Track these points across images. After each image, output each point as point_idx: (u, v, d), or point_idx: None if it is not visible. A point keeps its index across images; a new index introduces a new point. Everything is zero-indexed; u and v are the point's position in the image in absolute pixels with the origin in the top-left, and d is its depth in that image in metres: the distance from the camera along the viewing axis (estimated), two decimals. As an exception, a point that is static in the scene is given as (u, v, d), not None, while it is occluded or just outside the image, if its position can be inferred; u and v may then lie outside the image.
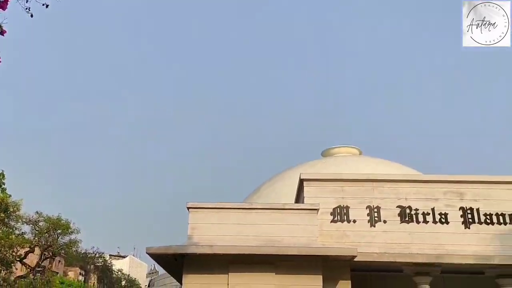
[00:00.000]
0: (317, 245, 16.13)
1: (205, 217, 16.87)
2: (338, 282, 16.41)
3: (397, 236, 16.98)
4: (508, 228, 17.18)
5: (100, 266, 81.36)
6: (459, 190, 17.74)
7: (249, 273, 15.89)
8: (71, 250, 45.82)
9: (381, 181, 18.06)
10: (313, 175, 19.01)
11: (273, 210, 17.03)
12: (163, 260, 17.29)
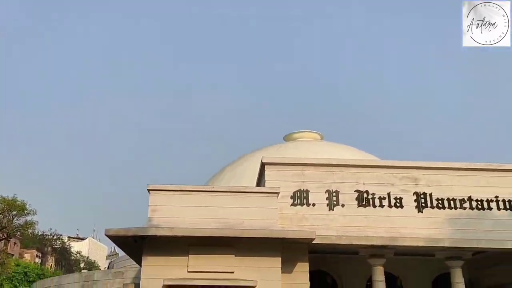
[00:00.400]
0: (276, 228, 16.43)
1: (166, 199, 16.84)
2: (297, 264, 16.82)
3: (354, 220, 17.50)
4: (458, 213, 17.99)
5: (58, 248, 79.90)
6: (414, 176, 18.40)
7: (209, 255, 16.04)
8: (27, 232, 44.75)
9: (341, 166, 18.49)
10: (274, 159, 19.23)
11: (234, 193, 17.18)
12: (123, 242, 17.18)
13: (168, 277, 15.64)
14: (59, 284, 27.97)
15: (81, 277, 27.88)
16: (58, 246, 79.52)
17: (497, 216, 18.06)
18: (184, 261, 16.05)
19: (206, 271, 15.80)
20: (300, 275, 16.63)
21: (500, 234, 17.73)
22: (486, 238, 17.65)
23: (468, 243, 17.59)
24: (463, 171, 18.66)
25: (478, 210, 18.08)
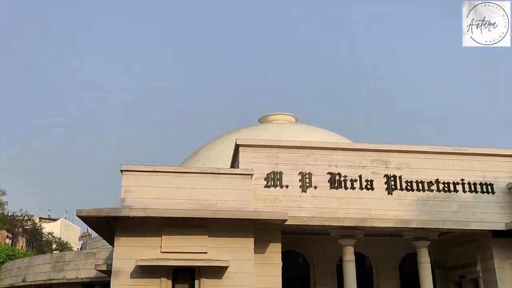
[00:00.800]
0: (250, 209, 16.62)
1: (139, 180, 16.78)
2: (269, 244, 17.09)
3: (326, 201, 17.83)
4: (426, 195, 18.55)
5: (29, 229, 78.70)
6: (385, 159, 18.82)
7: (182, 236, 16.13)
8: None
9: (314, 148, 18.74)
10: (249, 141, 19.33)
11: (207, 174, 17.25)
12: (95, 223, 17.09)
13: (141, 257, 15.67)
14: (30, 265, 27.67)
15: (52, 258, 27.63)
16: (29, 227, 78.26)
17: (463, 198, 18.71)
18: (157, 242, 16.11)
19: (180, 251, 15.91)
20: (272, 255, 16.93)
21: (465, 216, 18.39)
22: (452, 219, 18.30)
23: (435, 224, 18.19)
24: (431, 154, 19.20)
25: (445, 192, 18.68)
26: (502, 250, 18.75)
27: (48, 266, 26.45)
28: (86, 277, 24.35)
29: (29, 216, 78.88)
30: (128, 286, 15.53)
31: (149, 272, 15.68)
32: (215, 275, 15.87)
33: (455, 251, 21.21)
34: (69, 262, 25.77)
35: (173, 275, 16.03)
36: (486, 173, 19.14)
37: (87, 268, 24.56)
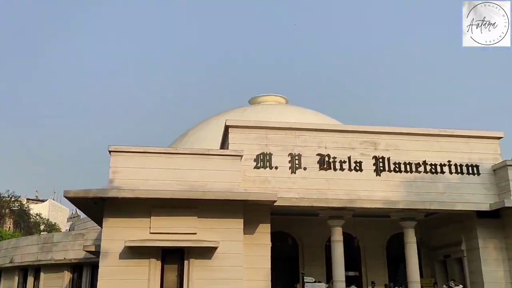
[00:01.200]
0: (239, 190, 16.64)
1: (128, 161, 16.67)
2: (259, 225, 17.19)
3: (315, 182, 17.93)
4: (413, 176, 18.74)
5: (16, 210, 78.05)
6: (374, 140, 18.93)
7: (171, 216, 16.13)
8: (-18, 194, 43.27)
9: (304, 129, 18.77)
10: (239, 122, 19.28)
11: (197, 155, 17.20)
12: (83, 204, 16.99)
13: (129, 238, 15.67)
14: (17, 246, 27.48)
15: (40, 239, 27.46)
16: (16, 208, 77.56)
17: (449, 179, 18.96)
18: (146, 223, 16.10)
19: (169, 232, 15.93)
20: (262, 236, 17.05)
21: (450, 197, 18.68)
22: (438, 200, 18.57)
23: (421, 205, 18.45)
24: (419, 136, 19.36)
25: (432, 173, 18.91)
26: (486, 230, 19.12)
27: (36, 247, 26.32)
28: (75, 258, 24.28)
29: (16, 197, 78.04)
30: (116, 266, 15.54)
31: (138, 253, 15.70)
32: (204, 256, 15.95)
33: (441, 231, 21.57)
34: (57, 243, 25.65)
35: (162, 256, 16.08)
36: (471, 155, 19.41)
37: (75, 249, 24.47)
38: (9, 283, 26.58)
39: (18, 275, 26.26)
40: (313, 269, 19.37)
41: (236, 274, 15.76)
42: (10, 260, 27.02)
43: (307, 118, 26.80)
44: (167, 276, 16.03)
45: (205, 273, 15.74)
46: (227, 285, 15.47)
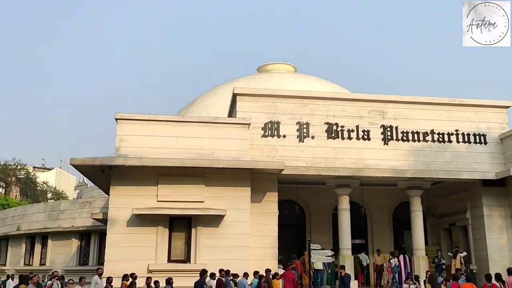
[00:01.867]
0: (246, 158, 16.57)
1: (135, 129, 16.55)
2: (266, 194, 17.20)
3: (323, 151, 17.84)
4: (421, 145, 18.63)
5: (23, 178, 78.51)
6: (382, 109, 18.72)
7: (179, 185, 16.13)
8: (-12, 162, 43.25)
9: (312, 98, 18.55)
10: (246, 90, 19.07)
11: (204, 123, 17.05)
12: (89, 172, 16.96)
13: (137, 206, 15.71)
14: (24, 214, 27.67)
15: (46, 207, 27.60)
16: (23, 176, 77.97)
17: (456, 148, 18.87)
18: (154, 191, 16.11)
19: (176, 200, 15.97)
20: (269, 205, 17.08)
21: (457, 166, 18.64)
22: (445, 169, 18.53)
23: (428, 173, 18.41)
24: (428, 105, 19.14)
25: (439, 142, 18.80)
26: (491, 198, 19.17)
27: (43, 215, 26.48)
28: (82, 226, 24.42)
29: (23, 165, 78.39)
30: (124, 234, 15.65)
31: (146, 220, 15.78)
32: (211, 224, 16.03)
33: (447, 199, 21.63)
34: (64, 211, 25.77)
35: (169, 224, 16.16)
36: (479, 124, 19.26)
37: (82, 217, 24.60)
38: (16, 250, 26.90)
39: (25, 243, 26.54)
40: (319, 237, 19.48)
41: (243, 242, 15.87)
42: (17, 228, 27.26)
43: (315, 87, 26.49)
44: (174, 244, 16.16)
45: (212, 240, 15.85)
46: (235, 252, 15.59)
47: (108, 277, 14.05)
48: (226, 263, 14.86)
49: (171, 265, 15.59)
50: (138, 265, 14.86)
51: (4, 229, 28.58)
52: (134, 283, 13.66)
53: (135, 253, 15.33)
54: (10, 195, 69.16)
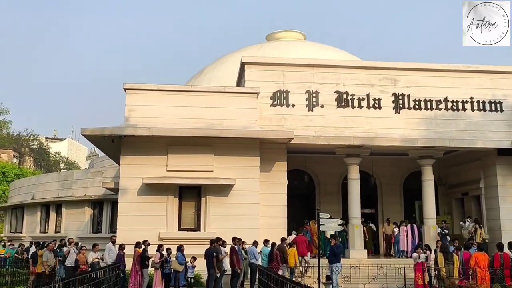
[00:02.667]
0: (255, 128, 16.47)
1: (143, 99, 16.49)
2: (275, 163, 17.16)
3: (333, 120, 17.64)
4: (433, 113, 18.29)
5: (36, 148, 79.63)
6: (394, 77, 18.34)
7: (188, 154, 16.16)
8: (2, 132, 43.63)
9: (321, 66, 18.21)
10: (255, 59, 18.78)
11: (213, 93, 16.92)
12: (100, 142, 17.06)
13: (147, 176, 15.84)
14: (38, 183, 28.15)
15: (60, 176, 28.04)
16: (36, 147, 79.09)
17: (471, 116, 18.49)
18: (163, 161, 16.18)
19: (186, 170, 16.04)
20: (278, 174, 17.05)
21: (471, 134, 18.31)
22: (459, 138, 18.23)
23: (441, 142, 18.14)
24: (441, 72, 18.67)
25: (453, 111, 18.44)
26: (505, 167, 18.88)
27: (56, 184, 26.90)
28: (94, 195, 24.78)
29: (35, 136, 79.41)
30: (135, 203, 15.85)
31: (156, 189, 15.92)
32: (221, 193, 16.11)
33: (459, 169, 21.39)
34: (77, 180, 26.13)
35: (179, 193, 16.31)
36: (496, 91, 18.77)
37: (95, 186, 24.95)
38: (32, 218, 27.47)
39: (40, 211, 27.06)
40: (329, 207, 19.47)
41: (253, 211, 15.95)
42: (32, 197, 27.78)
43: (325, 55, 26.02)
44: (184, 212, 16.36)
45: (222, 209, 15.97)
46: (244, 221, 15.69)
47: (120, 244, 14.32)
48: (235, 231, 14.98)
49: (182, 233, 15.81)
50: (149, 233, 15.05)
51: (20, 198, 29.18)
52: (146, 250, 13.88)
53: (146, 222, 15.54)
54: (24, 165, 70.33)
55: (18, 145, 73.30)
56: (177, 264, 13.53)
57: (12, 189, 32.19)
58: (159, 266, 13.56)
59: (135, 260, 13.64)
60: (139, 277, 13.67)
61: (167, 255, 13.76)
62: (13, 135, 72.53)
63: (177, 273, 13.54)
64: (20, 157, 72.77)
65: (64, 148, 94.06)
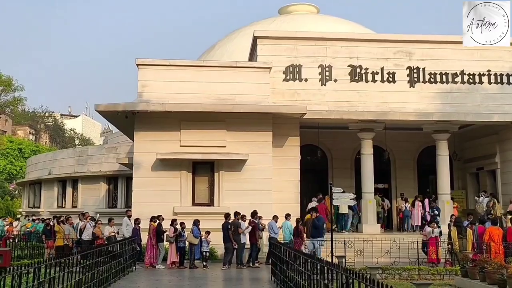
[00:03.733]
0: (268, 103, 16.39)
1: (156, 74, 16.49)
2: (288, 138, 17.13)
3: (346, 95, 17.45)
4: (449, 87, 17.99)
5: (51, 125, 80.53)
6: (409, 50, 18.00)
7: (201, 130, 16.20)
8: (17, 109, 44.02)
9: (335, 40, 17.94)
10: (267, 33, 18.58)
11: (225, 68, 16.83)
12: (114, 118, 17.17)
13: (160, 151, 15.95)
14: (54, 159, 28.55)
15: (75, 152, 28.37)
16: (51, 123, 80.00)
17: (487, 90, 18.15)
18: (176, 136, 16.25)
19: (199, 145, 16.10)
20: (291, 149, 17.03)
21: (488, 108, 18.00)
22: (474, 111, 17.95)
23: (456, 116, 17.89)
24: (458, 44, 18.08)
25: (469, 84, 18.11)
26: (522, 141, 18.60)
27: (72, 160, 27.24)
28: (109, 171, 25.07)
29: (50, 113, 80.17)
30: (149, 178, 16.02)
31: (170, 165, 16.05)
32: (234, 168, 16.18)
33: (475, 143, 21.13)
34: (91, 156, 26.43)
35: (193, 168, 16.43)
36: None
37: (109, 162, 25.20)
38: (49, 193, 27.99)
39: (57, 186, 27.53)
40: (342, 182, 19.40)
41: (266, 186, 16.02)
42: (48, 172, 28.24)
43: (339, 28, 25.53)
44: (198, 187, 16.52)
45: (235, 184, 16.07)
46: (257, 196, 15.78)
47: (136, 219, 14.54)
48: (248, 206, 15.09)
49: (195, 208, 15.97)
50: (163, 207, 15.24)
51: (37, 173, 29.70)
52: (161, 224, 14.08)
53: (160, 196, 15.73)
54: (40, 141, 71.28)
55: (33, 121, 74.16)
56: (192, 238, 13.74)
57: (29, 165, 32.74)
58: (174, 240, 13.78)
59: (150, 234, 13.89)
60: (155, 250, 13.96)
61: (181, 229, 13.96)
62: (29, 112, 73.29)
63: (193, 246, 13.76)
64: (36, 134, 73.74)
65: (79, 125, 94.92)
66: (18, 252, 15.52)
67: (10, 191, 48.85)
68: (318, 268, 6.76)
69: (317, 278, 6.72)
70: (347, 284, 5.34)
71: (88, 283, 8.51)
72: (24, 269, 5.97)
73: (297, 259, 8.27)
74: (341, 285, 5.60)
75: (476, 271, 10.11)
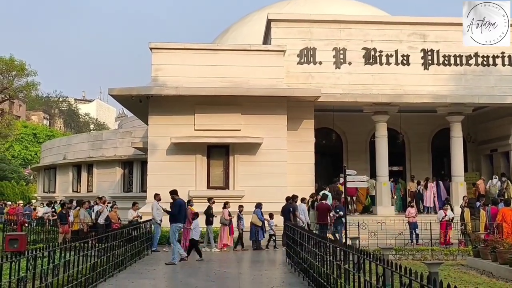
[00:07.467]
0: (282, 86, 16.44)
1: (169, 58, 16.57)
2: (302, 121, 17.19)
3: (360, 78, 17.43)
4: (463, 69, 17.87)
5: (65, 110, 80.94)
6: (423, 32, 17.88)
7: (215, 113, 16.31)
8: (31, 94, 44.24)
9: (349, 22, 17.86)
10: (281, 16, 18.50)
11: (239, 51, 16.86)
12: (128, 102, 17.32)
13: (175, 135, 16.10)
14: (69, 144, 28.81)
15: (90, 137, 28.62)
16: (65, 108, 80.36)
17: (501, 72, 18.02)
18: (191, 120, 16.38)
19: (213, 129, 16.23)
20: (305, 132, 17.12)
21: (502, 90, 17.89)
22: (489, 93, 17.86)
23: (470, 99, 17.81)
24: (473, 26, 18.03)
25: (483, 66, 17.98)
26: (536, 123, 18.49)
27: (86, 144, 27.49)
28: (124, 155, 25.29)
29: (64, 97, 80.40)
30: (164, 162, 16.20)
31: (184, 149, 16.21)
32: (248, 152, 16.32)
33: (489, 125, 21.03)
34: (106, 140, 26.64)
35: (207, 152, 16.57)
36: (529, 45, 18.07)
37: (124, 146, 25.41)
38: (64, 178, 28.33)
39: (72, 171, 27.86)
40: (357, 165, 19.46)
41: (280, 169, 16.15)
42: (63, 157, 28.57)
43: (353, 10, 25.33)
44: (213, 171, 16.67)
45: (249, 168, 16.22)
46: (272, 179, 15.94)
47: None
48: (264, 189, 15.26)
49: (211, 192, 16.10)
50: (179, 191, 15.21)
51: (52, 158, 30.03)
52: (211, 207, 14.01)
53: (175, 180, 15.79)
54: (54, 126, 71.83)
55: (47, 106, 74.59)
56: (257, 219, 13.94)
57: (44, 150, 33.11)
58: (229, 223, 13.92)
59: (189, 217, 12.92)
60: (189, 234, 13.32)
61: (239, 212, 14.22)
62: (42, 97, 73.61)
63: (257, 228, 13.91)
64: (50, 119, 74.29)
65: (93, 109, 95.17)
66: (33, 236, 15.78)
67: (25, 176, 49.53)
68: (331, 249, 6.87)
69: (330, 259, 6.83)
70: (358, 264, 5.45)
71: (103, 266, 8.62)
72: (39, 252, 6.03)
73: (310, 241, 8.39)
74: (353, 265, 5.71)
75: (487, 251, 10.23)
